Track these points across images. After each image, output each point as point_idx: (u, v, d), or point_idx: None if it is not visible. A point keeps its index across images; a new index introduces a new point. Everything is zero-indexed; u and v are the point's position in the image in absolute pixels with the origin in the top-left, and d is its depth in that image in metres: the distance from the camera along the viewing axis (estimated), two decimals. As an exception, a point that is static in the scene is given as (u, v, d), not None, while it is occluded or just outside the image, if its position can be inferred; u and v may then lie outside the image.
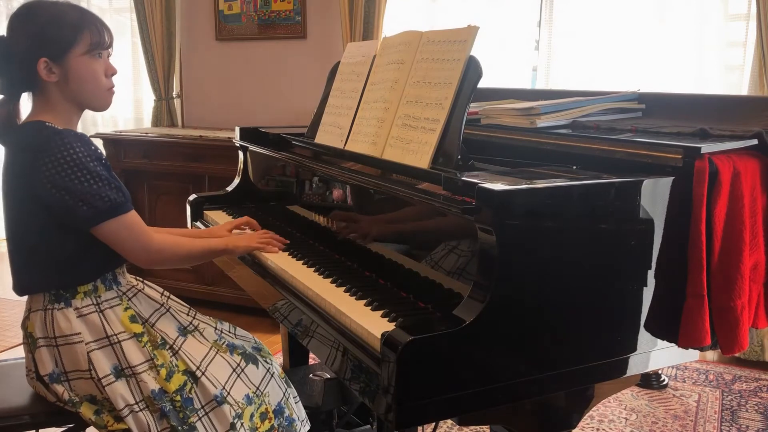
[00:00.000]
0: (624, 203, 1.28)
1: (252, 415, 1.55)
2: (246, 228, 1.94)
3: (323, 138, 1.95)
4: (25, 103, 1.55)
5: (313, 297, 1.49)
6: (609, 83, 3.18)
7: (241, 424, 1.52)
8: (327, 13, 3.77)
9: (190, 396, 1.51)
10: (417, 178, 1.48)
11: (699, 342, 1.31)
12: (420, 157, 1.50)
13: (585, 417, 1.53)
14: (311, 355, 2.59)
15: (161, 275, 3.51)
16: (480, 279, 1.18)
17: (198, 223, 2.27)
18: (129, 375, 1.49)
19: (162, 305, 1.61)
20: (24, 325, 1.56)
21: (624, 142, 1.46)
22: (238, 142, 2.39)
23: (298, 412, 1.67)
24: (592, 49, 3.28)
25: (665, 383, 2.86)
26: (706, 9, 3.05)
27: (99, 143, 3.70)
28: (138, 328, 1.53)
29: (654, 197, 1.30)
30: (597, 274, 1.27)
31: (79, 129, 1.51)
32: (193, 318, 1.65)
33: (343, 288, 1.50)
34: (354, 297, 1.44)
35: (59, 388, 1.50)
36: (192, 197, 2.34)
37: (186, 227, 2.37)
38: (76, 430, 1.60)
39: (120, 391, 1.47)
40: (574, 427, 1.41)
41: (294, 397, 1.69)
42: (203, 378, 1.52)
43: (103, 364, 1.48)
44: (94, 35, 1.50)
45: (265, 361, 1.64)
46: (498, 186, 1.16)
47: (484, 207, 1.16)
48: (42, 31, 1.46)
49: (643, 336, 1.33)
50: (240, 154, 2.40)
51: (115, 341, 1.50)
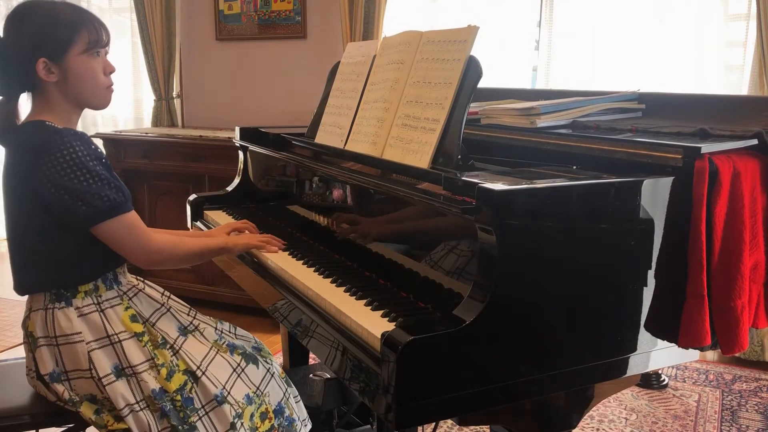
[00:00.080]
0: (624, 203, 1.28)
1: (252, 415, 1.55)
2: (245, 231, 1.95)
3: (323, 138, 1.95)
4: (24, 104, 1.56)
5: (313, 297, 1.49)
6: (609, 83, 3.18)
7: (241, 423, 1.52)
8: (327, 13, 3.77)
9: (190, 396, 1.51)
10: (417, 178, 1.48)
11: (699, 342, 1.31)
12: (420, 157, 1.50)
13: (585, 417, 1.53)
14: (311, 355, 2.59)
15: (162, 275, 3.51)
16: (480, 279, 1.18)
17: (198, 223, 2.27)
18: (129, 374, 1.49)
19: (162, 305, 1.61)
20: (24, 325, 1.56)
21: (624, 142, 1.46)
22: (238, 142, 2.39)
23: (298, 411, 1.68)
24: (592, 49, 3.28)
25: (665, 383, 2.86)
26: (706, 9, 3.05)
27: (99, 143, 3.70)
28: (138, 327, 1.54)
29: (654, 197, 1.30)
30: (597, 274, 1.27)
31: (79, 129, 1.51)
32: (194, 318, 1.65)
33: (343, 288, 1.50)
34: (354, 297, 1.44)
35: (59, 387, 1.50)
36: (192, 197, 2.34)
37: (186, 228, 2.37)
38: (76, 429, 1.60)
39: (120, 391, 1.48)
40: (574, 427, 1.41)
41: (295, 397, 1.69)
42: (203, 378, 1.52)
43: (104, 363, 1.49)
44: (91, 34, 1.50)
45: (266, 361, 1.64)
46: (498, 186, 1.16)
47: (484, 207, 1.16)
48: (40, 32, 1.46)
49: (643, 336, 1.33)
50: (240, 154, 2.40)
51: (116, 341, 1.50)
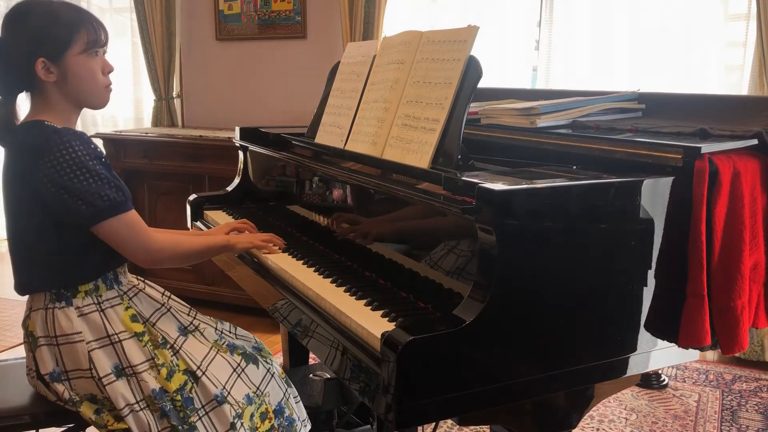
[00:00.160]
0: (624, 203, 1.28)
1: (252, 415, 1.55)
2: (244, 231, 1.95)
3: (323, 138, 1.95)
4: (23, 104, 1.55)
5: (313, 297, 1.49)
6: (609, 83, 3.18)
7: (241, 423, 1.52)
8: (327, 13, 3.77)
9: (190, 395, 1.51)
10: (417, 178, 1.48)
11: (699, 342, 1.31)
12: (420, 157, 1.50)
13: (585, 417, 1.53)
14: (311, 355, 2.59)
15: (162, 275, 3.51)
16: (480, 279, 1.18)
17: (198, 223, 2.27)
18: (130, 374, 1.49)
19: (163, 305, 1.61)
20: (25, 324, 1.56)
21: (624, 142, 1.46)
22: (238, 142, 2.39)
23: (298, 412, 1.67)
24: (592, 49, 3.28)
25: (665, 383, 2.86)
26: (706, 9, 3.05)
27: (99, 143, 3.70)
28: (139, 327, 1.54)
29: (654, 197, 1.30)
30: (597, 274, 1.27)
31: (79, 129, 1.51)
32: (194, 318, 1.65)
33: (343, 288, 1.50)
34: (354, 297, 1.44)
35: (60, 387, 1.50)
36: (192, 197, 2.34)
37: (186, 228, 2.37)
38: (76, 429, 1.60)
39: (120, 391, 1.47)
40: (574, 427, 1.41)
41: (295, 397, 1.69)
42: (204, 378, 1.52)
43: (104, 363, 1.49)
44: (90, 34, 1.50)
45: (266, 361, 1.64)
46: (498, 186, 1.16)
47: (484, 207, 1.16)
48: (39, 32, 1.45)
49: (643, 336, 1.33)
50: (240, 154, 2.40)
51: (116, 340, 1.50)
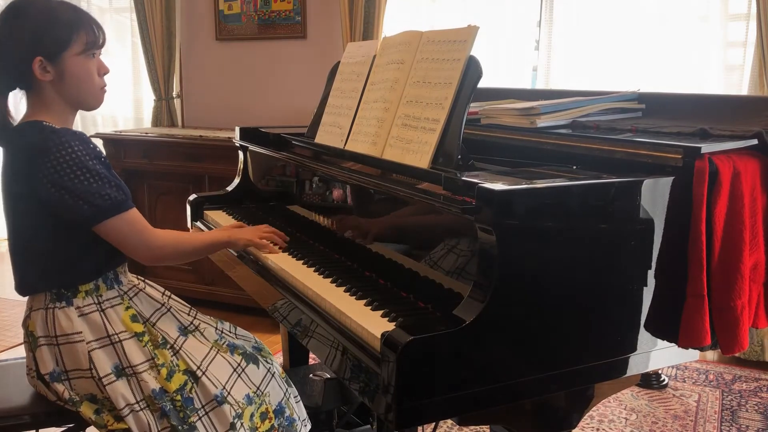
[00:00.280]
0: (624, 203, 1.28)
1: (252, 415, 1.55)
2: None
3: (323, 138, 1.95)
4: (19, 103, 1.55)
5: (313, 297, 1.49)
6: (609, 83, 3.18)
7: (242, 423, 1.52)
8: (327, 13, 3.77)
9: (190, 396, 1.51)
10: (417, 178, 1.48)
11: (699, 342, 1.31)
12: (420, 157, 1.50)
13: (585, 417, 1.53)
14: (311, 355, 2.59)
15: (162, 275, 3.51)
16: (480, 279, 1.18)
17: (198, 223, 2.27)
18: (130, 374, 1.49)
19: (163, 305, 1.61)
20: (25, 324, 1.56)
21: (624, 142, 1.46)
22: (238, 142, 2.39)
23: (299, 411, 1.67)
24: (592, 49, 3.28)
25: (665, 383, 2.86)
26: (706, 9, 3.05)
27: (99, 143, 3.70)
28: (139, 327, 1.54)
29: (654, 197, 1.30)
30: (597, 274, 1.27)
31: (79, 129, 1.51)
32: (194, 318, 1.65)
33: (343, 288, 1.50)
34: (354, 297, 1.44)
35: (60, 387, 1.50)
36: (192, 197, 2.34)
37: (186, 228, 2.37)
38: (76, 429, 1.60)
39: (121, 391, 1.47)
40: (574, 427, 1.41)
41: (295, 397, 1.69)
42: (204, 378, 1.52)
43: (104, 363, 1.49)
44: (89, 35, 1.49)
45: (266, 361, 1.64)
46: (498, 186, 1.16)
47: (484, 207, 1.16)
48: (38, 30, 1.45)
49: (643, 336, 1.33)
50: (240, 154, 2.40)
51: (116, 340, 1.50)
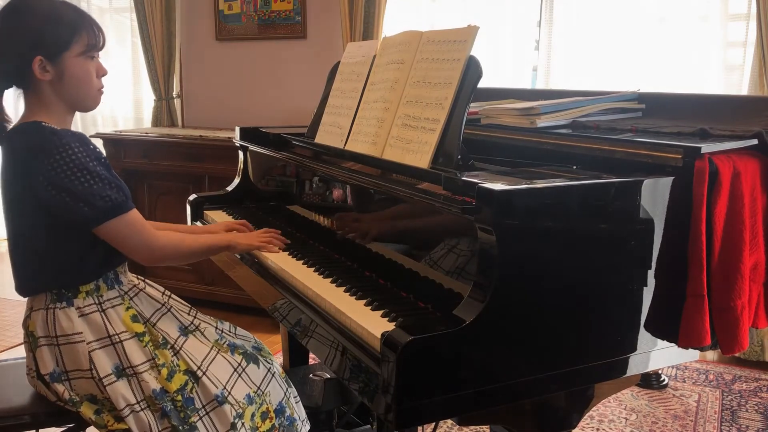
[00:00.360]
0: (624, 203, 1.28)
1: (253, 415, 1.55)
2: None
3: (323, 138, 1.95)
4: (14, 103, 1.54)
5: (313, 297, 1.49)
6: (609, 83, 3.18)
7: (242, 423, 1.52)
8: (327, 13, 3.77)
9: (191, 396, 1.51)
10: (417, 177, 1.48)
11: (699, 342, 1.31)
12: (420, 157, 1.50)
13: (585, 417, 1.53)
14: (311, 355, 2.59)
15: (161, 275, 3.51)
16: (480, 279, 1.18)
17: (198, 223, 2.27)
18: (130, 375, 1.49)
19: (163, 305, 1.61)
20: (25, 324, 1.56)
21: (624, 142, 1.46)
22: (238, 142, 2.39)
23: (298, 411, 1.68)
24: (592, 49, 3.28)
25: (665, 383, 2.86)
26: (706, 9, 3.05)
27: (99, 143, 3.70)
28: (139, 327, 1.54)
29: (654, 197, 1.30)
30: (597, 274, 1.27)
31: (79, 129, 1.51)
32: (194, 317, 1.65)
33: (343, 288, 1.50)
34: (354, 297, 1.44)
35: (60, 387, 1.50)
36: (192, 197, 2.34)
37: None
38: (76, 429, 1.60)
39: (121, 391, 1.47)
40: (574, 427, 1.41)
41: (294, 397, 1.69)
42: (204, 378, 1.52)
43: (105, 363, 1.49)
44: (91, 37, 1.49)
45: (266, 361, 1.64)
46: (498, 186, 1.17)
47: (484, 207, 1.16)
48: (39, 29, 1.44)
49: (643, 336, 1.33)
50: (240, 154, 2.40)
51: (117, 341, 1.50)
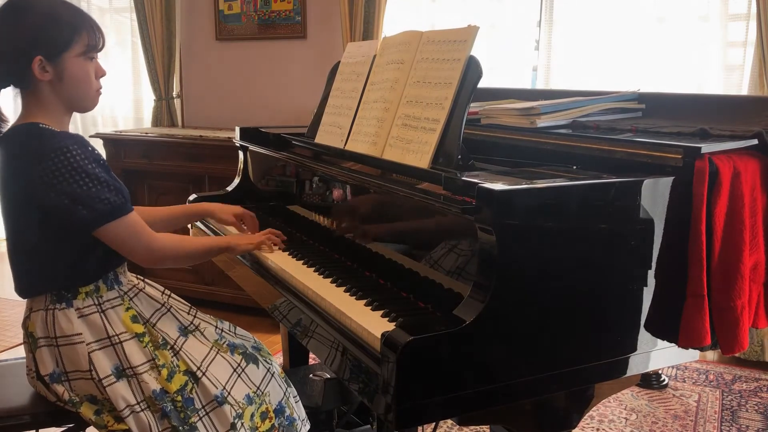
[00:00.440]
0: (624, 203, 1.28)
1: (252, 415, 1.55)
2: (245, 228, 1.96)
3: (323, 138, 1.95)
4: (11, 103, 1.54)
5: (313, 297, 1.49)
6: (609, 83, 3.18)
7: (242, 424, 1.52)
8: (327, 13, 3.77)
9: (191, 396, 1.51)
10: (417, 178, 1.48)
11: (699, 342, 1.31)
12: (420, 157, 1.50)
13: (585, 417, 1.53)
14: (311, 355, 2.59)
15: (161, 275, 3.50)
16: (480, 279, 1.18)
17: (198, 224, 2.27)
18: (130, 375, 1.49)
19: (163, 305, 1.61)
20: (25, 325, 1.56)
21: (624, 142, 1.46)
22: (238, 142, 2.39)
23: (298, 411, 1.68)
24: (592, 49, 3.28)
25: (665, 383, 2.86)
26: (706, 9, 3.05)
27: (99, 143, 3.70)
28: (139, 328, 1.53)
29: (654, 197, 1.30)
30: (597, 274, 1.27)
31: (79, 129, 1.51)
32: (194, 317, 1.65)
33: (343, 288, 1.50)
34: (354, 297, 1.44)
35: (59, 388, 1.50)
36: (192, 197, 2.34)
37: (186, 231, 2.37)
38: (76, 429, 1.60)
39: (121, 392, 1.47)
40: (574, 427, 1.41)
41: (294, 397, 1.69)
42: (204, 378, 1.52)
43: (104, 364, 1.48)
44: (91, 38, 1.49)
45: (266, 361, 1.64)
46: (498, 186, 1.16)
47: (484, 207, 1.16)
48: (40, 29, 1.44)
49: (643, 336, 1.33)
50: (240, 154, 2.40)
51: (117, 341, 1.50)
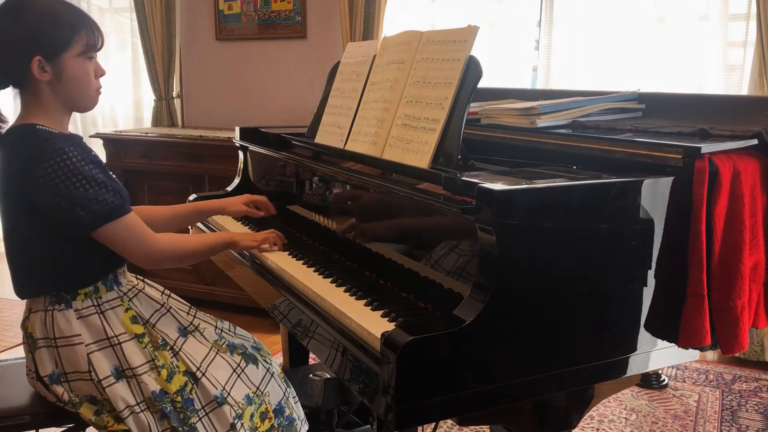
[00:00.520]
0: (624, 203, 1.28)
1: (252, 415, 1.55)
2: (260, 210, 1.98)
3: (323, 138, 1.95)
4: (9, 103, 1.54)
5: (313, 297, 1.49)
6: (609, 83, 3.18)
7: (242, 424, 1.51)
8: (327, 13, 3.77)
9: (190, 397, 1.50)
10: (417, 178, 1.48)
11: (699, 342, 1.31)
12: (420, 157, 1.50)
13: (585, 417, 1.53)
14: (311, 355, 2.59)
15: (161, 275, 3.50)
16: (480, 279, 1.18)
17: (198, 224, 2.27)
18: (129, 376, 1.49)
19: (162, 305, 1.61)
20: (24, 326, 1.56)
21: (624, 142, 1.46)
22: (238, 142, 2.39)
23: (297, 411, 1.67)
24: (592, 49, 3.28)
25: (665, 383, 2.86)
26: (706, 9, 3.05)
27: (99, 143, 3.70)
28: (139, 329, 1.53)
29: (654, 197, 1.30)
30: (597, 274, 1.27)
31: (79, 129, 1.50)
32: (194, 317, 1.65)
33: (343, 288, 1.50)
34: (354, 297, 1.44)
35: (59, 388, 1.50)
36: (192, 197, 2.34)
37: (186, 231, 2.37)
38: (76, 430, 1.60)
39: (120, 393, 1.47)
40: (574, 427, 1.41)
41: (293, 397, 1.69)
42: (204, 379, 1.52)
43: (103, 365, 1.48)
44: (90, 37, 1.48)
45: (265, 361, 1.64)
46: (498, 186, 1.16)
47: (484, 207, 1.16)
48: (39, 29, 1.43)
49: (643, 336, 1.33)
50: (240, 154, 2.40)
51: (116, 342, 1.50)
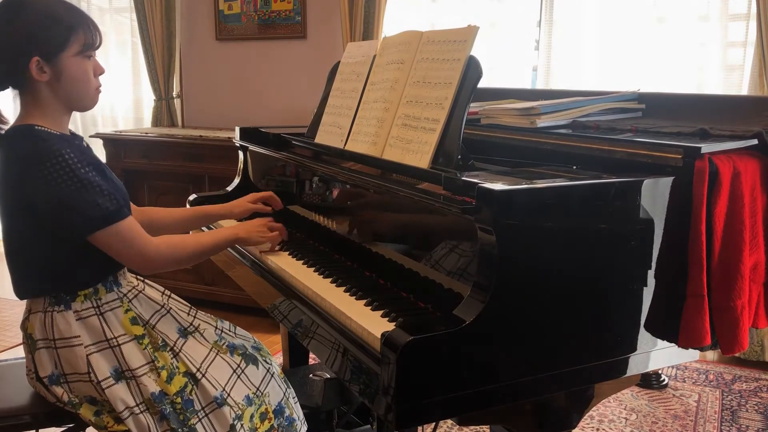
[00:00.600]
0: (624, 203, 1.28)
1: (252, 416, 1.55)
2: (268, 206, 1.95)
3: (323, 138, 1.95)
4: (8, 103, 1.54)
5: (313, 297, 1.49)
6: (609, 83, 3.18)
7: (241, 425, 1.51)
8: (327, 13, 3.77)
9: (190, 398, 1.50)
10: (417, 178, 1.48)
11: (699, 342, 1.31)
12: (420, 157, 1.50)
13: (585, 417, 1.53)
14: (311, 355, 2.59)
15: (161, 275, 3.48)
16: (480, 279, 1.18)
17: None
18: (129, 377, 1.49)
19: (162, 306, 1.61)
20: (24, 326, 1.56)
21: (624, 142, 1.46)
22: (238, 142, 2.39)
23: (297, 411, 1.67)
24: (592, 49, 3.28)
25: (665, 383, 2.86)
26: (706, 9, 3.05)
27: (99, 143, 3.70)
28: (139, 330, 1.53)
29: (654, 197, 1.30)
30: (597, 274, 1.27)
31: (79, 129, 1.50)
32: (194, 318, 1.64)
33: (343, 288, 1.50)
34: (354, 297, 1.44)
35: (59, 389, 1.50)
36: (192, 197, 2.34)
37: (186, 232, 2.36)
38: (76, 430, 1.60)
39: (120, 394, 1.47)
40: (574, 427, 1.41)
41: (293, 397, 1.69)
42: (203, 380, 1.52)
43: (103, 366, 1.48)
44: (87, 36, 1.48)
45: (265, 361, 1.64)
46: (498, 186, 1.16)
47: (484, 207, 1.16)
48: (36, 29, 1.42)
49: (643, 336, 1.33)
50: (240, 154, 2.40)
51: (115, 344, 1.50)
